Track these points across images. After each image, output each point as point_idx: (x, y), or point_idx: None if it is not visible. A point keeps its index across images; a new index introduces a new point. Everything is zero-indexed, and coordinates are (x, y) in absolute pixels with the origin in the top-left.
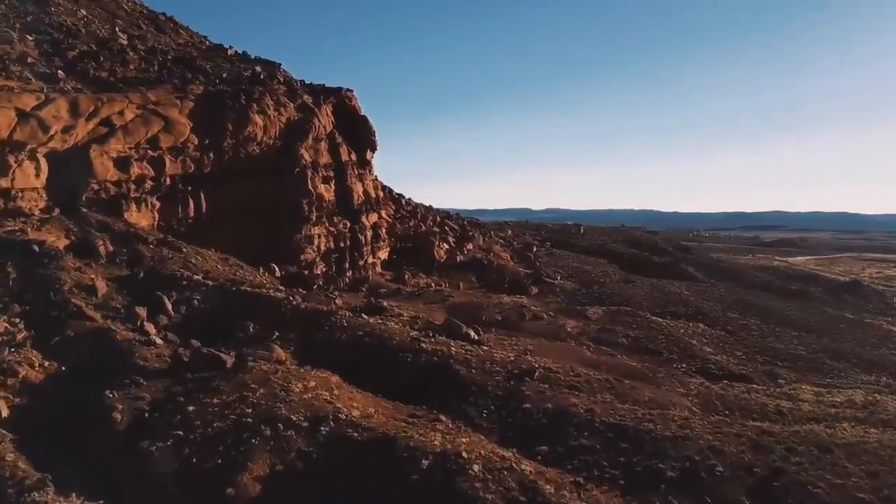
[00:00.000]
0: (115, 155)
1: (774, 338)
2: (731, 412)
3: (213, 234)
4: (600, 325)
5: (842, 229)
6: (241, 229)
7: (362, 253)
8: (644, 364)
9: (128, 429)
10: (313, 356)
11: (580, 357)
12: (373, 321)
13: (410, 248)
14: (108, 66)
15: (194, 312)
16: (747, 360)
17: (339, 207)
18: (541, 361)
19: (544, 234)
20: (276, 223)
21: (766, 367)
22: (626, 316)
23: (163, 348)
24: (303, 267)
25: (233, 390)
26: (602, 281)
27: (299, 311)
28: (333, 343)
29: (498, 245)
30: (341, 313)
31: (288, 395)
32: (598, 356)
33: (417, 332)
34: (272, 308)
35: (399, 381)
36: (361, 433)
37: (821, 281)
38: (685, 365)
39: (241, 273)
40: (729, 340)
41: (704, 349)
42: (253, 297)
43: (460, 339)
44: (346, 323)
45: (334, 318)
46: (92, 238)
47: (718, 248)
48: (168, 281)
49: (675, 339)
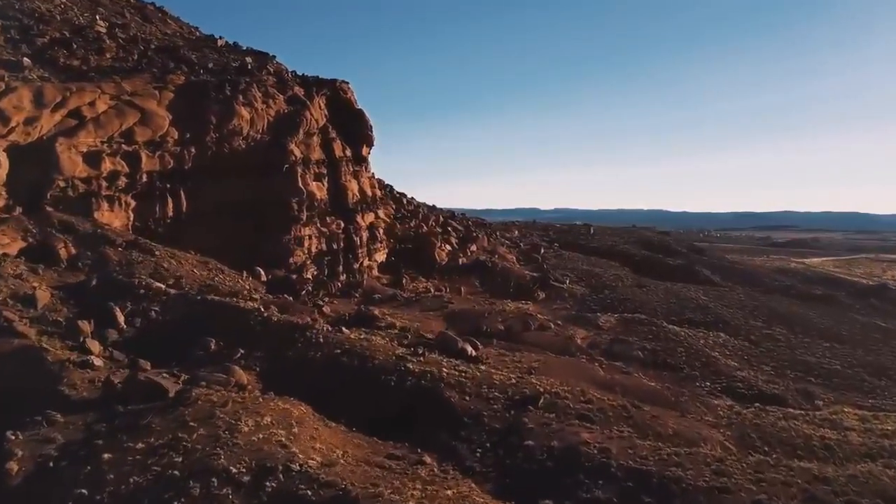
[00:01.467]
0: (84, 149)
1: (804, 349)
2: (771, 447)
3: (194, 236)
4: (613, 335)
5: (853, 229)
6: (225, 230)
7: (357, 255)
8: (664, 384)
9: (24, 483)
10: (281, 379)
11: (591, 376)
12: (354, 337)
13: (410, 250)
14: (82, 54)
15: (151, 326)
16: (777, 375)
17: (333, 207)
18: (546, 383)
19: (552, 234)
20: (264, 224)
21: (800, 385)
22: (640, 325)
23: (101, 371)
24: (292, 270)
25: (166, 430)
26: (613, 285)
27: (270, 325)
28: (306, 363)
29: (503, 246)
30: (318, 327)
31: (233, 436)
32: (611, 375)
33: (405, 350)
34: (240, 321)
35: (380, 409)
36: (317, 490)
37: (844, 284)
38: (709, 383)
39: (220, 278)
40: (754, 352)
41: (728, 363)
42: (219, 308)
43: (455, 357)
44: (323, 339)
45: (310, 332)
46: (52, 240)
47: (731, 249)
48: (124, 289)
49: (695, 352)
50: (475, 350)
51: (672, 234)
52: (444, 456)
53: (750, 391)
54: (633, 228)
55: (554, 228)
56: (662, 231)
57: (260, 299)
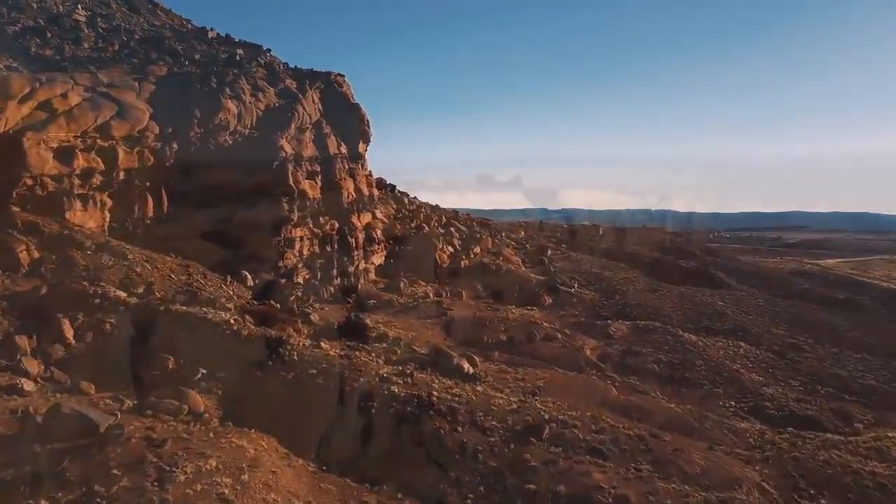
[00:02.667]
0: (55, 145)
1: (833, 361)
2: (817, 489)
3: (175, 238)
4: (625, 345)
5: (864, 230)
6: (210, 232)
7: (352, 258)
8: (684, 405)
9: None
10: (245, 405)
11: (604, 397)
12: (333, 353)
13: (410, 252)
14: (56, 43)
15: (104, 341)
16: (807, 392)
17: (326, 207)
18: (553, 408)
19: (560, 235)
20: (252, 225)
21: (834, 404)
22: (654, 333)
23: (32, 398)
24: (282, 274)
25: (80, 481)
26: (624, 289)
27: (238, 340)
28: (275, 385)
29: (509, 248)
30: (294, 342)
31: (163, 489)
32: (626, 395)
33: (391, 369)
34: (204, 335)
35: (357, 443)
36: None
37: (866, 287)
38: (734, 402)
39: (200, 283)
40: (779, 365)
41: (753, 378)
42: (181, 320)
43: (449, 375)
44: (298, 356)
45: (283, 348)
46: (13, 243)
47: (743, 250)
48: (77, 298)
49: (716, 365)
50: (473, 367)
51: (683, 234)
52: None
53: (780, 412)
54: (643, 229)
55: (562, 229)
56: (674, 231)
57: (235, 308)
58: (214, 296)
